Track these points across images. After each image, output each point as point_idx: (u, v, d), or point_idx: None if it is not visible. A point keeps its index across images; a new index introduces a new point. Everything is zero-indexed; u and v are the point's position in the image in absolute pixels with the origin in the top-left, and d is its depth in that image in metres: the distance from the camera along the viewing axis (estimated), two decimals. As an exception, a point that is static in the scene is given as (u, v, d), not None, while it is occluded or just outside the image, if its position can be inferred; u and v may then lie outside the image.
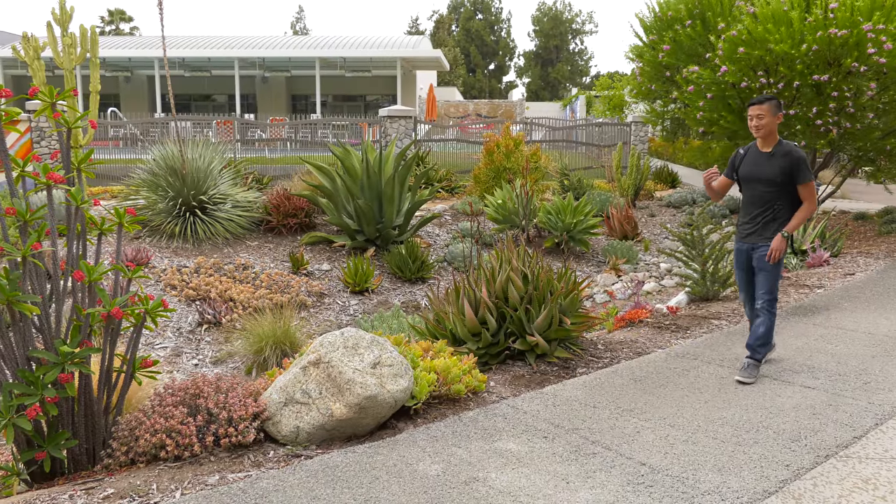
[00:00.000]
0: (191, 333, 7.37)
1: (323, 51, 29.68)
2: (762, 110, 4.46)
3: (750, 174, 4.59)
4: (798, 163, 4.43)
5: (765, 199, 4.55)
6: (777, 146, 4.52)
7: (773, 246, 4.44)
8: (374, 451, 3.55)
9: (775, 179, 4.46)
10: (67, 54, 10.86)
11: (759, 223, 4.59)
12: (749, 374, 4.53)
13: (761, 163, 4.54)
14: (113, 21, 52.19)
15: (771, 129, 4.49)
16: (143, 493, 3.12)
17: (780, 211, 4.53)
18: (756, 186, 4.57)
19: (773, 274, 4.53)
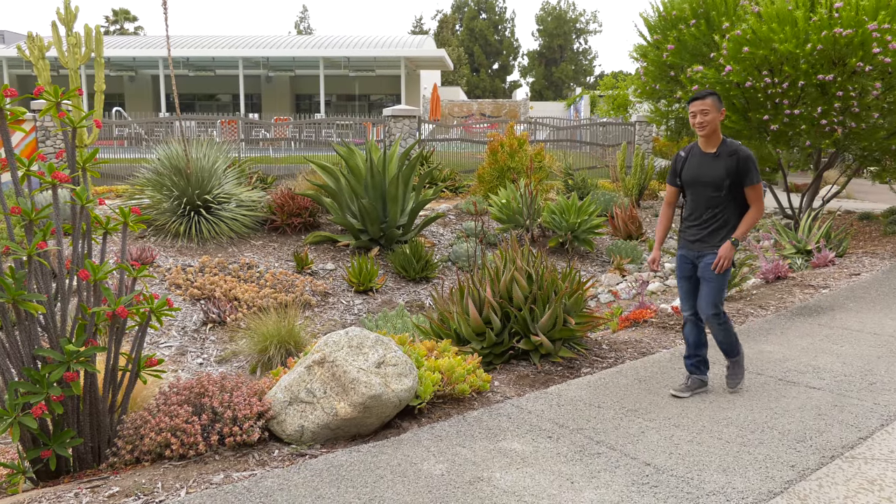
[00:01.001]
0: (195, 332, 7.38)
1: (327, 50, 29.68)
2: (706, 105, 4.08)
3: (694, 178, 4.21)
4: (746, 163, 4.08)
5: (711, 203, 4.18)
6: (722, 146, 4.15)
7: (721, 254, 4.08)
8: (379, 450, 3.55)
9: (721, 182, 4.10)
10: (72, 54, 10.88)
11: (705, 230, 4.22)
12: (737, 379, 4.38)
13: (706, 165, 4.17)
14: (117, 21, 52.29)
15: (715, 126, 4.13)
16: (149, 492, 3.12)
17: (729, 216, 4.17)
18: (701, 190, 4.19)
19: (718, 284, 4.16)
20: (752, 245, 9.13)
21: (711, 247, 4.18)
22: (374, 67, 32.16)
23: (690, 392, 4.30)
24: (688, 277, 4.34)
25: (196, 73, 32.54)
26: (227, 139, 16.75)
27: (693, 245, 4.28)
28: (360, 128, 20.12)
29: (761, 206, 4.17)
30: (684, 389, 4.31)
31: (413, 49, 30.91)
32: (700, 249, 4.24)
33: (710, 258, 4.17)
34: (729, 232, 4.16)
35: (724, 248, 4.09)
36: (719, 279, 4.15)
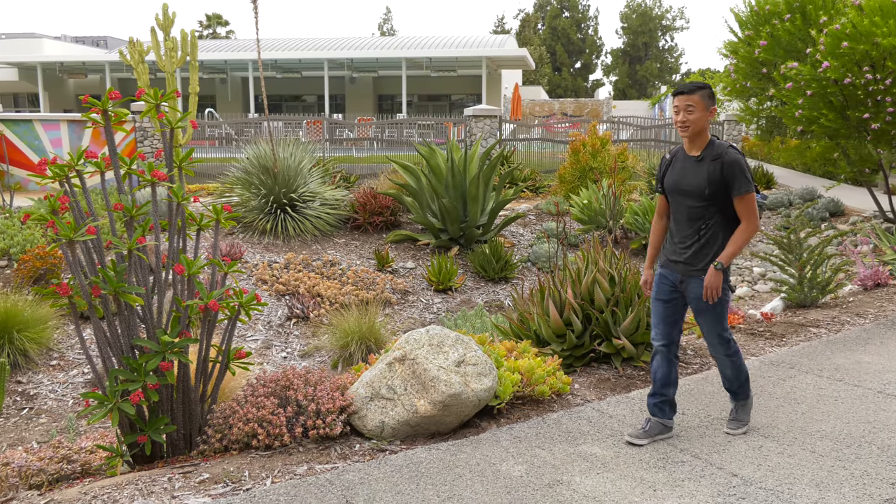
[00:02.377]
0: (280, 327, 7.59)
1: (409, 51, 30.01)
2: (692, 101, 3.42)
3: (676, 185, 3.57)
4: (732, 168, 3.39)
5: (692, 216, 3.53)
6: (707, 148, 3.49)
7: (707, 284, 3.43)
8: (458, 449, 3.56)
9: (703, 191, 3.45)
10: (169, 58, 11.39)
11: (688, 249, 3.56)
12: (740, 422, 3.77)
13: (688, 170, 3.53)
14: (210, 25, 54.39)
15: (702, 126, 3.47)
16: (236, 480, 3.23)
17: (715, 234, 3.51)
18: (683, 201, 3.55)
19: (716, 314, 3.55)
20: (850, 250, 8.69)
21: (696, 271, 3.52)
22: (456, 67, 32.31)
23: (650, 438, 3.65)
24: (664, 301, 3.67)
25: (283, 74, 33.49)
26: (313, 139, 17.16)
27: (675, 266, 3.62)
28: (441, 128, 20.24)
29: (755, 221, 3.44)
30: (642, 435, 3.66)
31: (494, 49, 30.89)
32: (683, 273, 3.58)
33: (695, 287, 3.53)
34: (716, 252, 3.49)
35: (708, 278, 3.43)
36: (715, 308, 3.53)
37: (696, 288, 3.52)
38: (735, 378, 3.73)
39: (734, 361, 3.67)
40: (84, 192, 3.60)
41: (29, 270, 7.40)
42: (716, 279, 3.42)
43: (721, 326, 3.58)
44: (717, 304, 3.52)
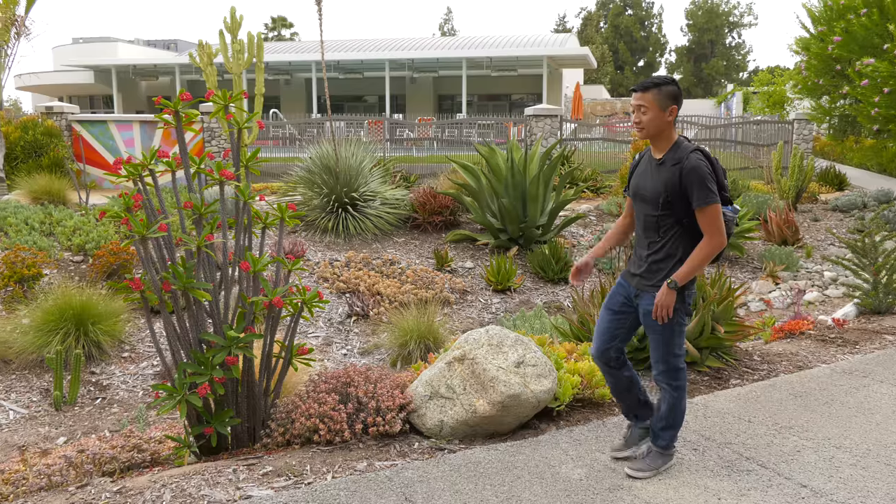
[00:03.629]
0: (340, 324, 7.70)
1: (469, 51, 30.02)
2: (644, 101, 3.10)
3: (636, 190, 3.26)
4: (691, 176, 3.01)
5: (651, 226, 3.19)
6: (671, 151, 3.12)
7: (657, 302, 3.08)
8: (517, 450, 3.55)
9: (658, 199, 3.10)
10: (236, 60, 11.68)
11: (645, 262, 3.22)
12: (644, 467, 3.28)
13: (649, 174, 3.20)
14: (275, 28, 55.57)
15: (659, 127, 3.12)
16: (298, 474, 3.29)
17: (674, 247, 3.14)
18: (641, 208, 3.23)
19: (665, 337, 3.16)
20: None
21: (650, 286, 3.18)
22: (516, 67, 32.17)
23: (634, 447, 3.44)
24: (613, 311, 3.35)
25: (346, 75, 33.94)
26: (374, 139, 17.35)
27: (632, 278, 3.30)
28: (501, 127, 20.19)
29: (718, 236, 3.04)
30: (623, 447, 3.45)
31: (555, 48, 30.64)
32: (637, 287, 3.25)
33: (647, 302, 3.19)
34: (674, 268, 3.12)
35: (660, 295, 3.07)
36: (666, 330, 3.15)
37: (648, 304, 3.17)
38: (666, 416, 3.25)
39: (674, 398, 3.22)
40: (156, 191, 3.72)
41: (103, 265, 7.70)
42: (667, 298, 3.06)
43: (669, 351, 3.18)
44: (668, 326, 3.13)
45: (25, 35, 11.68)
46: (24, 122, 14.02)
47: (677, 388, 3.22)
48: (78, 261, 8.30)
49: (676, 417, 3.26)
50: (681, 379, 3.23)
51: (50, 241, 8.47)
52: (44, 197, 10.95)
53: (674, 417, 3.25)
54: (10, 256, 7.30)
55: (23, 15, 11.67)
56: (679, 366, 3.21)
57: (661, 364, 3.21)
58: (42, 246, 8.16)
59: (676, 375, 3.21)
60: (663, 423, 3.27)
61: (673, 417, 3.25)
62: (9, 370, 6.12)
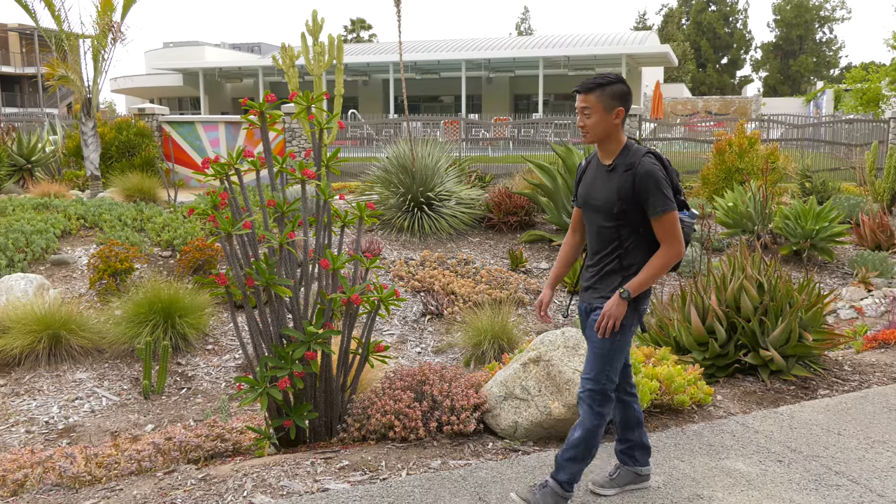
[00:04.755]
0: (415, 323, 7.77)
1: (546, 50, 29.80)
2: (587, 102, 2.85)
3: (585, 198, 2.99)
4: (645, 182, 2.77)
5: (605, 238, 2.93)
6: (621, 156, 2.87)
7: (605, 310, 2.80)
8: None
9: (611, 208, 2.86)
10: (317, 62, 11.94)
11: (597, 274, 2.97)
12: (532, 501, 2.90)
13: (599, 182, 2.94)
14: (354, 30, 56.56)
15: (606, 131, 2.86)
16: (374, 469, 3.34)
17: (629, 258, 2.89)
18: (592, 217, 2.97)
19: (603, 352, 2.86)
20: None
21: (601, 298, 2.93)
22: (594, 66, 31.73)
23: (618, 488, 3.13)
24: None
25: (422, 76, 34.23)
26: (450, 139, 17.43)
27: (585, 293, 3.04)
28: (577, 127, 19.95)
29: (676, 246, 2.79)
30: (607, 483, 3.14)
31: (635, 46, 30.06)
32: (590, 300, 2.99)
33: (598, 313, 2.91)
34: (627, 280, 2.87)
35: (609, 304, 2.81)
36: (604, 344, 2.85)
37: (597, 315, 2.88)
38: (576, 445, 2.87)
39: (594, 425, 2.86)
40: (241, 189, 3.84)
41: (189, 261, 8.01)
42: (618, 308, 2.78)
43: (604, 371, 2.86)
44: (609, 341, 2.84)
45: (121, 40, 12.26)
46: (118, 124, 14.73)
47: (599, 416, 2.87)
48: (166, 256, 8.65)
49: (588, 450, 2.89)
50: (606, 406, 2.88)
51: (141, 236, 8.87)
52: (136, 194, 11.47)
53: (586, 449, 2.88)
54: (105, 251, 7.68)
55: (119, 21, 12.26)
56: (609, 392, 2.88)
57: (592, 382, 2.87)
58: (134, 241, 8.55)
59: (603, 401, 2.87)
60: (571, 452, 2.89)
61: (585, 449, 2.88)
62: (102, 359, 6.44)
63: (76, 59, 12.35)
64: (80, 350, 6.38)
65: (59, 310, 6.50)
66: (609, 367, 2.86)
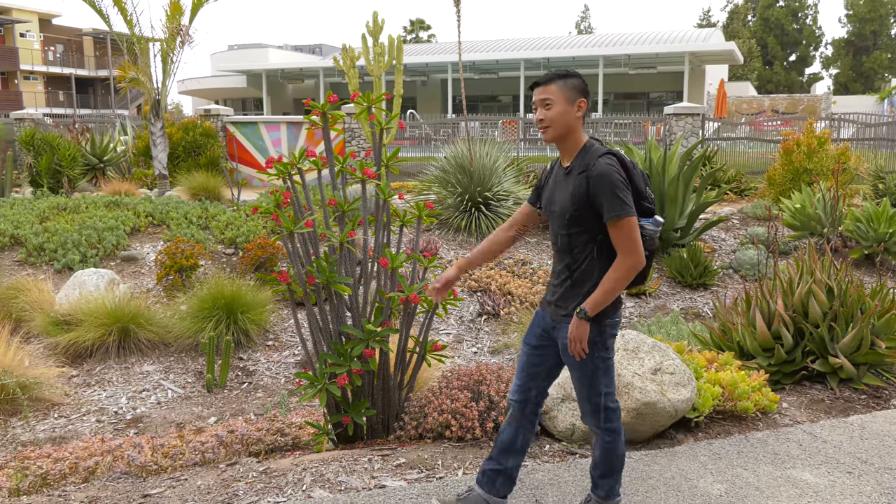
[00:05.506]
0: (471, 323, 7.77)
1: (606, 49, 29.43)
2: (548, 93, 2.65)
3: (547, 204, 2.81)
4: (600, 183, 2.56)
5: (563, 247, 2.73)
6: (579, 157, 2.68)
7: (570, 334, 2.64)
8: (652, 459, 3.43)
9: (566, 214, 2.66)
10: (377, 62, 12.06)
11: (559, 287, 2.77)
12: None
13: (557, 186, 2.76)
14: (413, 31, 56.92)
15: (568, 125, 2.66)
16: (430, 467, 3.35)
17: (589, 270, 2.68)
18: (553, 225, 2.78)
19: (586, 373, 2.72)
20: None
21: (565, 316, 2.73)
22: (656, 64, 31.19)
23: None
24: (531, 346, 2.89)
25: (480, 75, 34.24)
26: (508, 139, 17.38)
27: (548, 307, 2.85)
28: (638, 127, 19.64)
29: (634, 255, 2.57)
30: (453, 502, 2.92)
31: (698, 43, 29.41)
32: (553, 317, 2.80)
33: (564, 334, 2.72)
34: (588, 294, 2.66)
35: (571, 327, 2.63)
36: (586, 366, 2.70)
37: (565, 337, 2.71)
38: (602, 462, 2.83)
39: (607, 441, 2.79)
40: (304, 188, 3.90)
41: (251, 258, 8.19)
42: (580, 330, 2.61)
43: (594, 390, 2.74)
44: (589, 362, 2.69)
45: (189, 43, 12.63)
46: (185, 124, 15.18)
47: (609, 431, 2.78)
48: (229, 253, 8.87)
49: (614, 463, 2.83)
50: (612, 420, 2.78)
51: (205, 234, 9.11)
52: (201, 193, 11.80)
53: (610, 463, 2.82)
54: (172, 248, 7.92)
55: (187, 24, 12.62)
56: (609, 405, 2.76)
57: (586, 404, 2.78)
58: (199, 239, 8.79)
59: (607, 416, 2.76)
60: (599, 470, 2.86)
61: (609, 463, 2.82)
62: (168, 352, 6.64)
63: (146, 62, 12.78)
64: (147, 343, 6.60)
65: (128, 304, 6.74)
66: (595, 386, 2.72)
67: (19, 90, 39.83)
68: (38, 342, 6.55)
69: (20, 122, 16.49)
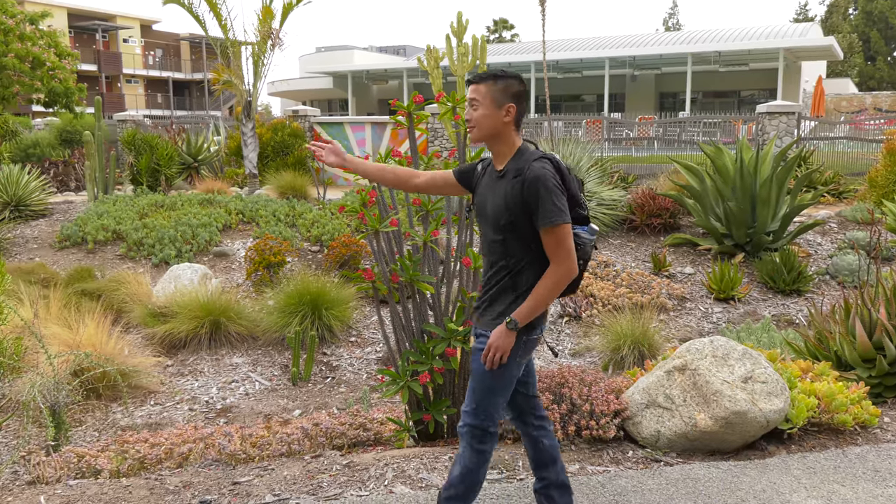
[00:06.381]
0: (552, 324, 7.70)
1: (696, 46, 28.58)
2: (476, 93, 2.58)
3: (479, 207, 2.70)
4: (534, 187, 2.45)
5: (494, 251, 2.61)
6: (513, 160, 2.57)
7: (491, 341, 2.51)
8: (741, 470, 3.32)
9: (499, 219, 2.54)
10: (461, 62, 12.10)
11: (486, 294, 2.64)
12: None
13: (489, 189, 2.63)
14: (497, 30, 56.85)
15: (494, 128, 2.58)
16: (510, 468, 3.34)
17: (520, 275, 2.56)
18: (484, 229, 2.66)
19: (484, 384, 2.58)
20: None
21: (491, 322, 2.59)
22: (748, 61, 30.09)
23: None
24: None
25: (564, 75, 33.88)
26: (591, 138, 17.13)
27: (474, 313, 2.73)
28: (728, 126, 19.00)
29: (567, 263, 2.47)
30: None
31: (794, 39, 28.19)
32: (479, 324, 2.66)
33: (482, 342, 2.61)
34: (517, 303, 2.54)
35: (496, 334, 2.50)
36: (490, 378, 2.56)
37: (482, 343, 2.59)
38: (455, 483, 2.62)
39: (473, 462, 2.60)
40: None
41: (336, 256, 8.37)
42: (504, 340, 2.49)
43: (486, 405, 2.57)
44: (492, 374, 2.54)
45: (279, 46, 13.03)
46: (274, 125, 15.66)
47: (478, 454, 2.61)
48: (315, 250, 9.10)
49: (469, 490, 2.63)
50: (487, 443, 2.61)
51: (292, 231, 9.37)
52: (288, 192, 12.14)
53: (466, 489, 2.62)
54: (261, 245, 8.18)
55: (277, 28, 13.02)
56: (490, 428, 2.59)
57: (472, 416, 2.60)
58: (286, 236, 9.06)
59: (483, 437, 2.60)
60: (451, 491, 2.64)
61: (465, 488, 2.62)
62: (256, 346, 6.86)
63: (238, 65, 13.26)
64: (236, 336, 6.84)
65: (219, 298, 7.01)
66: (490, 402, 2.58)
67: (122, 93, 42.08)
68: (136, 332, 6.89)
69: (122, 123, 17.40)
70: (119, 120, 17.72)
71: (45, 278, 7.76)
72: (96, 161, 11.38)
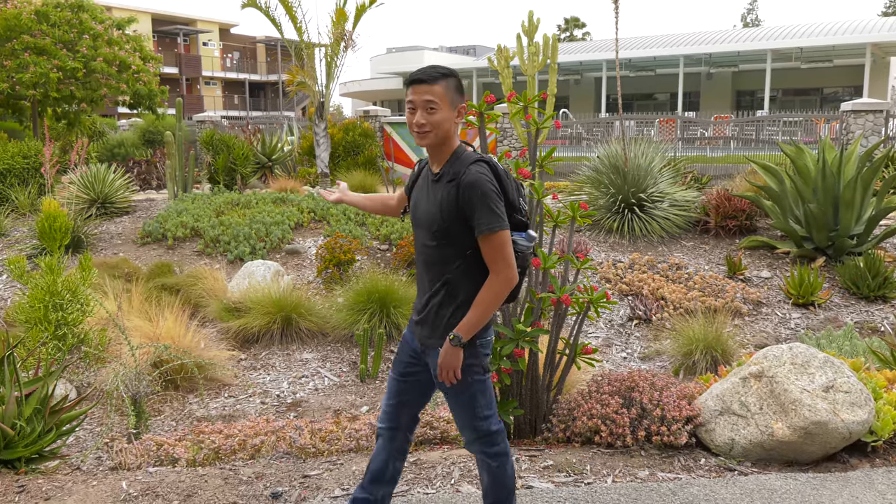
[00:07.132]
0: (621, 327, 7.58)
1: (776, 42, 27.63)
2: (433, 94, 2.38)
3: (413, 211, 2.58)
4: (470, 193, 2.32)
5: (430, 261, 2.48)
6: (449, 163, 2.43)
7: (440, 361, 2.42)
8: (820, 483, 3.19)
9: (432, 225, 2.42)
10: (531, 62, 12.04)
11: (426, 308, 2.52)
12: None
13: (424, 193, 2.51)
14: (568, 29, 56.29)
15: (449, 132, 2.42)
16: (578, 472, 3.30)
17: (457, 287, 2.45)
18: (418, 235, 2.53)
19: (463, 400, 2.52)
20: None
21: (435, 340, 2.50)
22: (832, 57, 28.89)
23: None
24: (401, 373, 2.65)
25: (636, 73, 33.27)
26: (664, 138, 16.77)
27: (415, 328, 2.61)
28: (810, 125, 18.29)
29: (506, 272, 2.35)
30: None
31: (883, 33, 26.90)
32: (423, 341, 2.55)
33: (436, 359, 2.49)
34: (459, 312, 2.44)
35: (442, 354, 2.41)
36: (462, 393, 2.50)
37: (436, 362, 2.49)
38: (493, 488, 2.60)
39: (494, 466, 2.57)
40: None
41: (404, 255, 8.45)
42: (452, 357, 2.40)
43: (474, 415, 2.52)
44: (465, 388, 2.48)
45: (352, 48, 13.24)
46: (345, 125, 15.92)
47: (496, 456, 2.57)
48: (384, 249, 9.20)
49: (504, 485, 2.61)
50: (498, 443, 2.57)
51: (362, 230, 9.51)
52: (359, 190, 12.33)
53: (502, 487, 2.61)
54: (331, 243, 8.33)
55: (350, 30, 13.23)
56: (491, 429, 2.55)
57: (468, 431, 2.57)
58: (356, 234, 9.19)
59: (491, 440, 2.56)
60: (491, 498, 2.63)
61: (501, 488, 2.61)
62: (325, 342, 6.99)
63: (312, 67, 13.53)
64: (307, 332, 6.98)
65: (290, 294, 7.17)
66: (474, 410, 2.53)
67: (201, 94, 43.57)
68: (212, 326, 7.12)
69: (201, 124, 18.02)
70: (198, 121, 18.36)
71: (127, 273, 8.10)
72: (176, 160, 11.81)
